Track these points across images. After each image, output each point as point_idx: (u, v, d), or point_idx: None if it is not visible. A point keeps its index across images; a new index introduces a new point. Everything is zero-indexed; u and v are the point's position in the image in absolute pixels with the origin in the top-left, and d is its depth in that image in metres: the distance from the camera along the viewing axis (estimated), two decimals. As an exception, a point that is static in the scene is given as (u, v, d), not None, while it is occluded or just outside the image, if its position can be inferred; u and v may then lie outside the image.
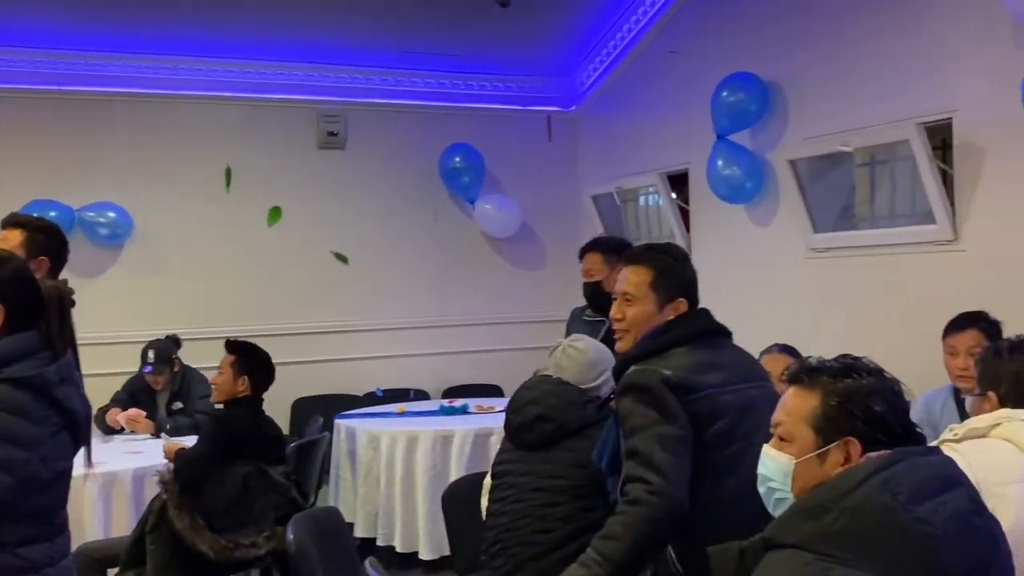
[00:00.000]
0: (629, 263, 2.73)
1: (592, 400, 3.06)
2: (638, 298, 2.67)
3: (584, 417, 3.00)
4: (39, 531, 2.15)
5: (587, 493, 2.90)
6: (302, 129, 6.97)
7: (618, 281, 2.74)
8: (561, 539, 2.88)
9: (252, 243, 6.79)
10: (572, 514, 2.89)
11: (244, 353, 4.17)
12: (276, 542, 3.85)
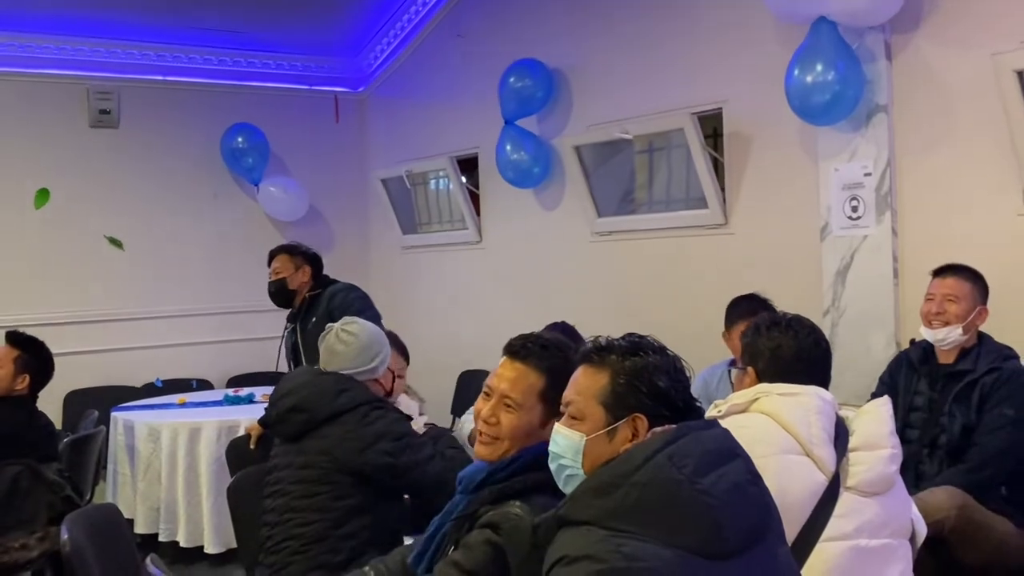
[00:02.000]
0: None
1: (347, 390, 3.05)
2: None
3: (335, 406, 2.99)
4: None
5: (336, 480, 2.91)
6: (72, 106, 6.55)
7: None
8: (319, 532, 2.88)
9: (17, 226, 6.33)
10: (325, 504, 2.89)
11: (29, 349, 3.91)
12: (50, 543, 3.65)
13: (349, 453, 2.91)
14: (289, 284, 4.92)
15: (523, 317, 4.60)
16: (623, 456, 1.71)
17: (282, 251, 5.02)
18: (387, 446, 2.93)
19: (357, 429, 2.94)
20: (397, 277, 7.42)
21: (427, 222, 7.34)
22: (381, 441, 2.92)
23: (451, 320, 6.84)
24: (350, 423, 2.95)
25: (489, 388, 2.20)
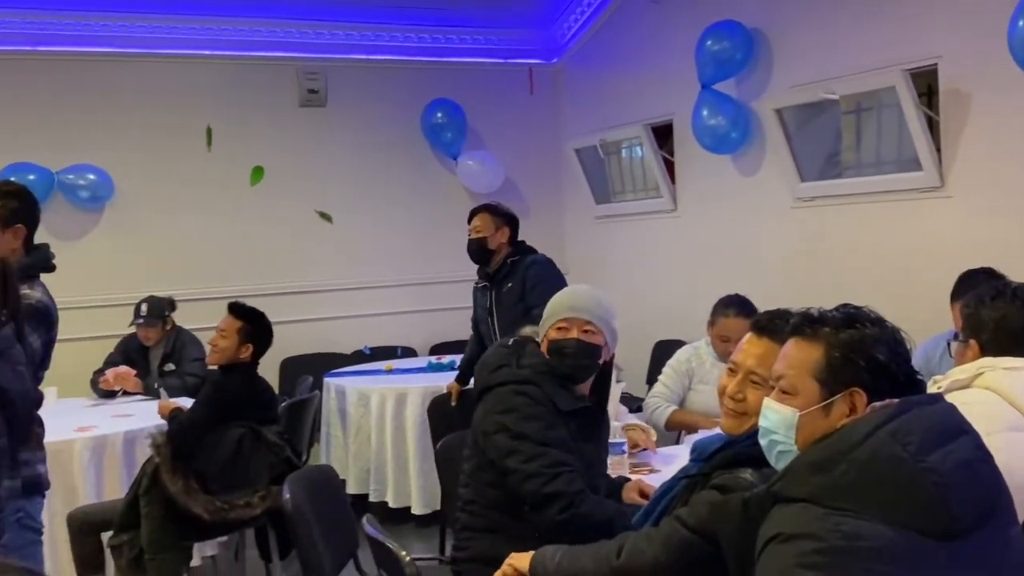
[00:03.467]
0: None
1: (506, 366, 2.84)
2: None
3: (488, 380, 2.84)
4: None
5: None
6: (283, 87, 6.89)
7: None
8: (496, 498, 2.75)
9: (235, 203, 6.72)
10: (495, 480, 2.74)
11: (251, 320, 4.13)
12: (271, 501, 3.86)
13: (478, 434, 2.79)
14: (488, 243, 4.90)
15: (719, 287, 4.51)
16: (842, 432, 1.65)
17: (483, 210, 5.00)
18: (503, 440, 2.70)
19: (490, 412, 2.77)
20: (591, 247, 7.43)
21: (621, 191, 7.30)
22: (500, 433, 2.72)
23: (645, 289, 6.79)
24: (490, 402, 2.79)
25: (735, 364, 2.18)
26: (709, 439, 2.23)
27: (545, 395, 2.73)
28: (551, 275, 4.78)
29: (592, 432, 2.85)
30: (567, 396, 2.76)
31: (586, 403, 2.81)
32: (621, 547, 2.10)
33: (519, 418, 2.70)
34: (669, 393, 4.31)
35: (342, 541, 3.20)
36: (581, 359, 2.78)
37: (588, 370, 2.82)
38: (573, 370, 2.79)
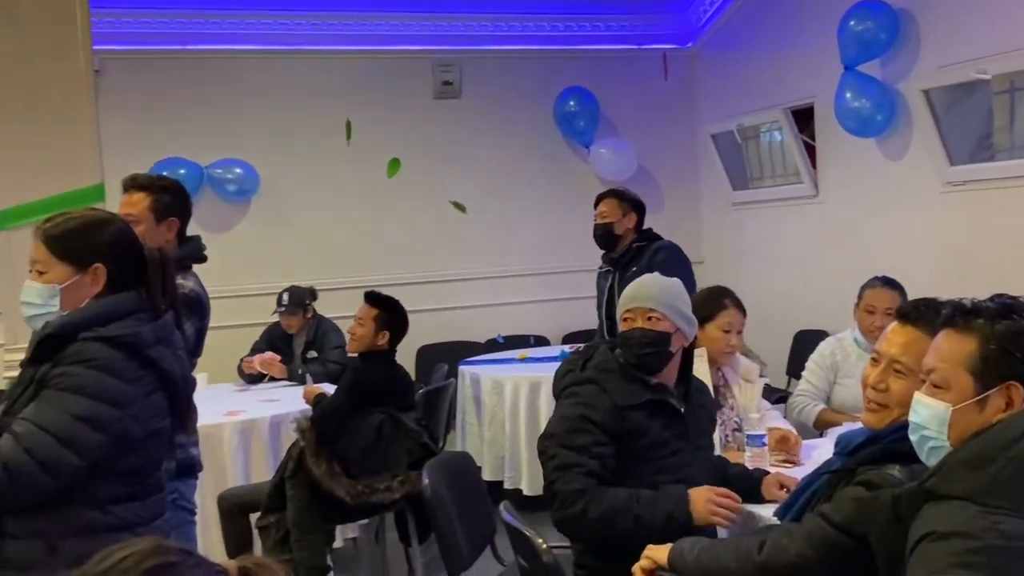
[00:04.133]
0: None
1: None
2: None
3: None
4: (132, 490, 2.17)
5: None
6: (418, 80, 7.00)
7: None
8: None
9: (373, 195, 6.87)
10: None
11: (387, 308, 4.23)
12: (410, 486, 3.94)
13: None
14: (615, 229, 4.86)
15: (862, 275, 4.35)
16: (998, 427, 1.57)
17: (610, 195, 4.97)
18: (541, 443, 2.79)
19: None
20: (727, 235, 7.29)
21: (759, 177, 7.14)
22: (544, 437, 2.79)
23: (785, 278, 6.63)
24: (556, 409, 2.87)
25: (878, 354, 2.12)
26: (853, 432, 2.17)
27: (600, 392, 2.72)
28: (678, 260, 4.71)
29: (673, 421, 2.78)
30: (633, 389, 2.74)
31: (658, 395, 2.76)
32: (763, 542, 2.06)
33: (555, 419, 2.77)
34: (814, 390, 4.15)
35: (479, 527, 3.24)
36: (645, 347, 2.75)
37: (657, 357, 2.77)
38: (640, 359, 2.76)
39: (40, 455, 2.01)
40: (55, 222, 2.22)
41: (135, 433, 2.13)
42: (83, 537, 2.06)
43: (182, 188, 3.32)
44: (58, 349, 2.09)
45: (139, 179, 3.24)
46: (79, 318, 2.13)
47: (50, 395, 2.06)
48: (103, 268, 2.20)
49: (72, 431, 2.03)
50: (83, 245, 2.20)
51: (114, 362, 2.10)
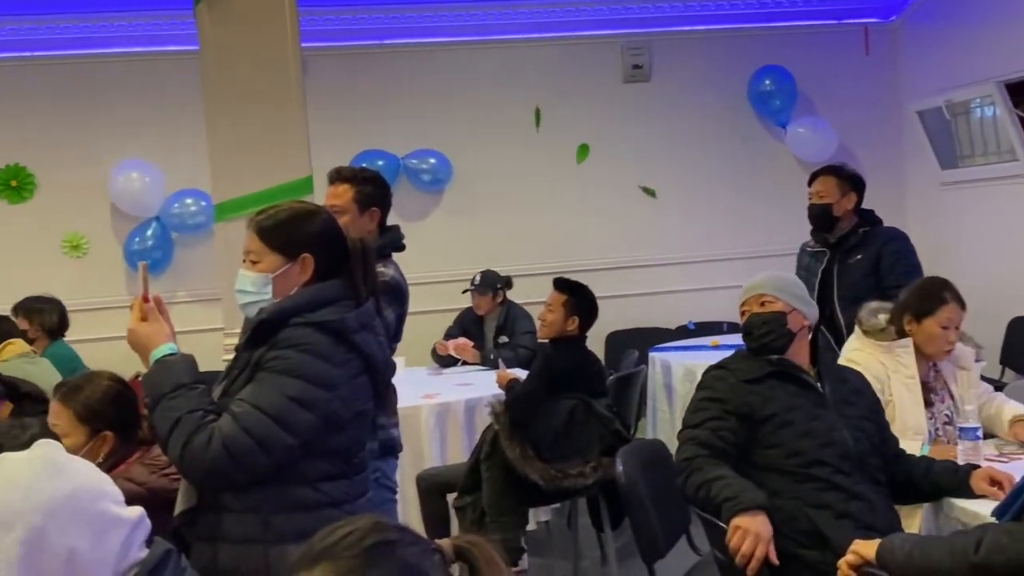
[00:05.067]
0: None
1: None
2: None
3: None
4: (339, 469, 2.25)
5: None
6: (607, 64, 6.97)
7: None
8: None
9: (562, 181, 6.90)
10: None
11: (576, 294, 4.26)
12: (603, 472, 3.94)
13: None
14: (834, 210, 4.44)
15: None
16: None
17: (828, 172, 4.57)
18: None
19: None
20: (936, 216, 6.91)
21: (970, 155, 6.73)
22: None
23: (999, 262, 6.22)
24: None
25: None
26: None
27: (724, 374, 2.85)
28: (910, 254, 4.38)
29: (805, 390, 2.81)
30: (756, 364, 2.84)
31: (782, 367, 2.81)
32: (979, 541, 1.95)
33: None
34: None
35: (674, 516, 3.20)
36: (759, 329, 2.85)
37: (775, 337, 2.84)
38: (760, 342, 2.85)
39: (257, 434, 2.11)
40: (267, 214, 2.34)
41: (342, 414, 2.22)
42: (295, 513, 2.16)
43: (383, 179, 3.44)
44: (272, 334, 2.20)
45: (343, 171, 3.37)
46: (290, 305, 2.23)
47: (265, 377, 2.17)
48: (311, 258, 2.29)
49: (286, 411, 2.13)
50: (293, 236, 2.30)
51: (323, 346, 2.19)
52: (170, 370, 2.19)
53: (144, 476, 2.69)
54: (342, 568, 1.06)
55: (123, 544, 1.49)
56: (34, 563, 1.42)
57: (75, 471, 1.52)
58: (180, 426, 2.12)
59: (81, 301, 6.04)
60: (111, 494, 1.54)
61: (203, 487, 2.20)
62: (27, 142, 6.35)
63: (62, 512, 1.45)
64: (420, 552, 1.10)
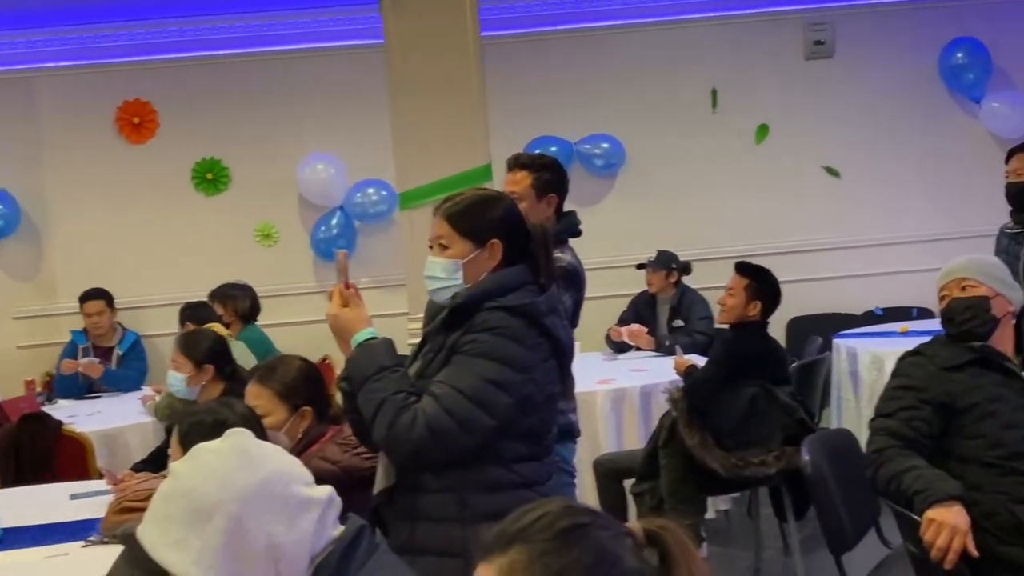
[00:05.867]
0: None
1: None
2: None
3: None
4: (531, 450, 2.30)
5: None
6: (787, 41, 6.75)
7: None
8: None
9: (740, 163, 6.75)
10: None
11: (757, 277, 4.16)
12: (786, 462, 3.85)
13: None
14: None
15: None
16: None
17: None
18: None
19: None
20: None
21: None
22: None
23: None
24: None
25: None
26: None
27: (922, 360, 2.75)
28: None
29: (1009, 379, 2.68)
30: (956, 351, 2.73)
31: (984, 354, 2.69)
32: None
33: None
34: None
35: (863, 508, 3.09)
36: (962, 315, 2.73)
37: (979, 323, 2.72)
38: (962, 328, 2.74)
39: (458, 415, 2.18)
40: (455, 201, 2.39)
41: (535, 396, 2.27)
42: (491, 493, 2.22)
43: (560, 166, 3.46)
44: (466, 318, 2.26)
45: (521, 158, 3.41)
46: (483, 289, 2.28)
47: (462, 360, 2.23)
48: (499, 243, 2.34)
49: (484, 393, 2.19)
50: (481, 222, 2.35)
51: (517, 330, 2.24)
52: (372, 353, 2.27)
53: (338, 455, 2.80)
54: (536, 551, 1.06)
55: (317, 523, 1.55)
56: (236, 550, 1.48)
57: (265, 457, 1.57)
58: (385, 407, 2.19)
59: (271, 287, 6.35)
60: (301, 476, 1.60)
61: (405, 467, 2.27)
62: (221, 137, 6.71)
63: (257, 498, 1.50)
64: (613, 536, 1.09)
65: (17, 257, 6.69)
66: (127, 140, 6.69)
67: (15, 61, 6.52)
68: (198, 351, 3.76)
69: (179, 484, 1.53)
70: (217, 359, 3.78)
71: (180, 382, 3.74)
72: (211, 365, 3.74)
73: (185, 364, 3.75)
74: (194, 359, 3.74)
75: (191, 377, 3.72)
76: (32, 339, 6.65)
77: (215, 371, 3.72)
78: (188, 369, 3.73)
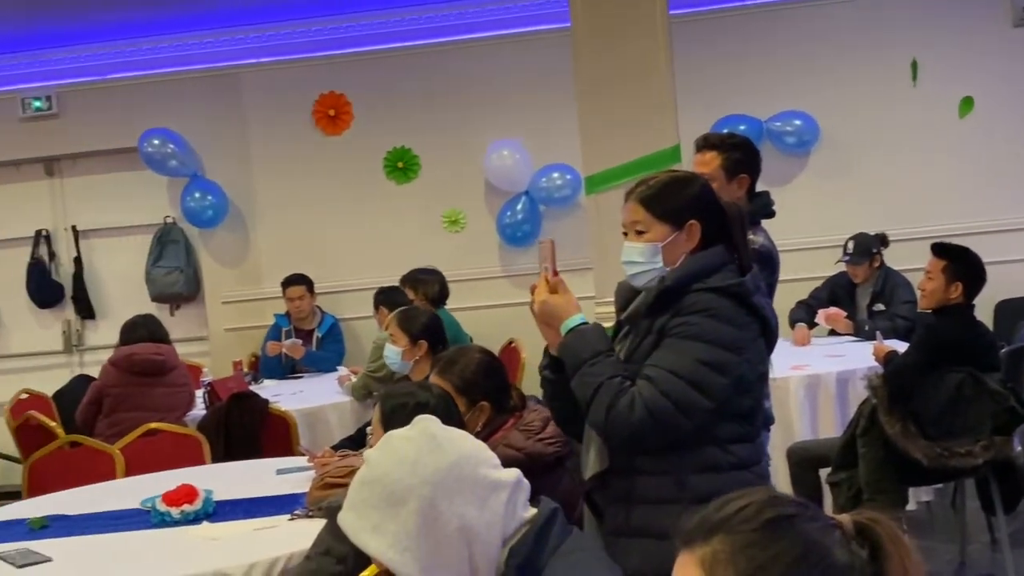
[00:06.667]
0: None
1: None
2: None
3: None
4: (745, 431, 2.29)
5: None
6: (993, 7, 6.33)
7: None
8: None
9: (943, 138, 6.38)
10: None
11: (956, 258, 3.94)
12: (995, 452, 3.65)
13: None
14: None
15: None
16: None
17: None
18: None
19: None
20: None
21: None
22: None
23: None
24: None
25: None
26: None
27: None
28: None
29: None
30: None
31: None
32: None
33: None
34: None
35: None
36: None
37: None
38: None
39: (676, 398, 2.18)
40: (648, 184, 2.38)
41: (749, 376, 2.27)
42: (708, 474, 2.22)
43: (751, 145, 3.38)
44: (674, 301, 2.25)
45: (711, 138, 3.36)
46: (689, 271, 2.27)
47: (673, 343, 2.23)
48: (698, 224, 2.32)
49: (700, 375, 2.19)
50: (677, 204, 2.33)
51: (727, 310, 2.23)
52: (586, 338, 2.28)
53: (521, 441, 2.84)
54: (740, 542, 1.04)
55: (507, 505, 1.57)
56: (432, 532, 1.52)
57: (453, 441, 1.60)
58: (602, 391, 2.21)
59: (459, 272, 6.49)
60: (488, 460, 1.62)
61: (622, 450, 2.28)
62: (412, 126, 6.89)
63: (447, 482, 1.54)
64: (821, 528, 1.05)
65: (225, 245, 7.10)
66: (323, 132, 6.97)
67: (223, 59, 6.90)
68: (414, 326, 3.96)
69: (373, 471, 1.58)
70: (431, 335, 3.95)
71: (396, 355, 3.94)
72: (425, 341, 3.90)
73: (401, 338, 3.94)
74: (409, 333, 3.93)
75: (406, 351, 3.91)
76: (239, 322, 7.04)
77: (428, 347, 3.88)
78: (403, 343, 3.93)
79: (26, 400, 5.79)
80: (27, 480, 4.21)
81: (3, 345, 7.43)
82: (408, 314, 4.08)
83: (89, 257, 7.32)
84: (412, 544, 1.52)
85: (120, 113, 6.96)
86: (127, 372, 4.97)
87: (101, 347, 7.02)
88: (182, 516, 3.08)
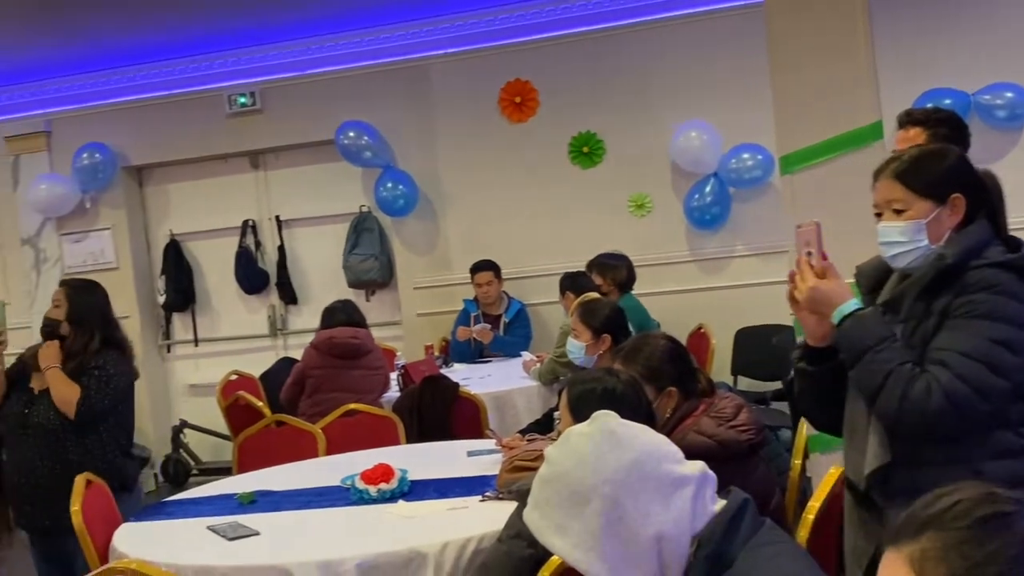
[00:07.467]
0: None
1: None
2: None
3: None
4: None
5: None
6: None
7: None
8: None
9: None
10: None
11: None
12: None
13: None
14: None
15: None
16: None
17: None
18: None
19: None
20: None
21: None
22: None
23: None
24: None
25: None
26: None
27: None
28: None
29: None
30: None
31: None
32: None
33: None
34: None
35: None
36: None
37: None
38: None
39: (972, 381, 2.09)
40: (901, 160, 2.28)
41: None
42: (1003, 460, 2.12)
43: (959, 120, 3.21)
44: (952, 280, 2.16)
45: (914, 114, 3.20)
46: (966, 247, 2.18)
47: (960, 323, 2.14)
48: (962, 198, 2.22)
49: (994, 355, 2.10)
50: (938, 177, 2.24)
51: (1012, 285, 2.14)
52: (866, 324, 2.20)
53: (712, 428, 2.77)
54: (951, 540, 0.98)
55: (693, 500, 1.52)
56: (616, 532, 1.49)
57: (634, 437, 1.56)
58: (893, 378, 2.13)
59: (645, 256, 6.43)
60: (671, 454, 1.58)
61: (917, 437, 2.17)
62: (596, 111, 6.86)
63: (629, 480, 1.50)
64: (1040, 527, 0.98)
65: (417, 233, 7.29)
66: (509, 119, 7.04)
67: (414, 51, 7.08)
68: (596, 319, 3.89)
69: (554, 469, 1.56)
70: (615, 328, 3.88)
71: (579, 350, 3.88)
72: (608, 335, 3.84)
73: (584, 332, 3.88)
74: (592, 328, 3.87)
75: (589, 346, 3.85)
76: (430, 307, 7.23)
77: (612, 341, 3.80)
78: (586, 337, 3.87)
79: (235, 381, 6.16)
80: (237, 457, 4.47)
81: (215, 329, 7.91)
82: (589, 307, 4.01)
83: (291, 245, 7.69)
84: (597, 544, 1.50)
85: (318, 107, 7.26)
86: (327, 354, 5.18)
87: (303, 331, 7.37)
88: (379, 494, 3.19)
